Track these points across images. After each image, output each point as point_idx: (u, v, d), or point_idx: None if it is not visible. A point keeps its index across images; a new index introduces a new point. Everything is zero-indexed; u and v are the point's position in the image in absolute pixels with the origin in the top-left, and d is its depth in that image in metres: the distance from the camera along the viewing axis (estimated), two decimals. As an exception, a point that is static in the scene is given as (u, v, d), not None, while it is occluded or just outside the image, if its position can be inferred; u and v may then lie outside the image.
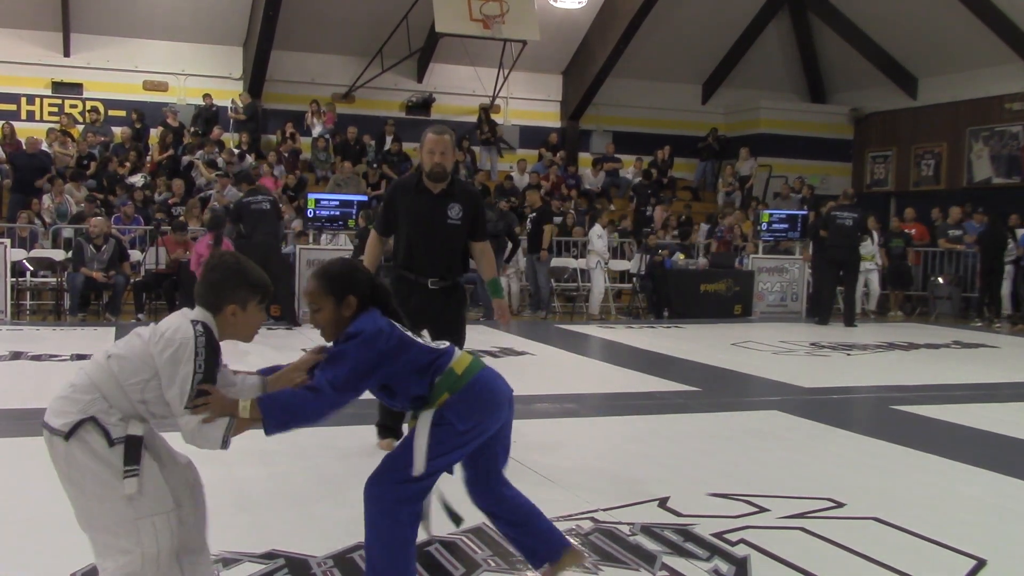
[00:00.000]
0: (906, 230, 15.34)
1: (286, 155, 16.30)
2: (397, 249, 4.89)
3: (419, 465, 2.65)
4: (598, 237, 13.57)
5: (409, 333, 2.75)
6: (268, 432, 2.50)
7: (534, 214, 13.44)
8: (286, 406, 2.52)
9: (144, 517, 2.40)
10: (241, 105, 16.58)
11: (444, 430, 2.69)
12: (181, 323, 2.45)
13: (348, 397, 2.60)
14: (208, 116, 16.55)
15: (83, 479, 2.38)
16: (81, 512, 2.43)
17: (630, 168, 18.92)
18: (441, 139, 4.71)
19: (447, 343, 2.87)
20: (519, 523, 2.92)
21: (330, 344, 2.74)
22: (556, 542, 2.92)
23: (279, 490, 4.16)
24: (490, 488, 2.91)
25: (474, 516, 3.76)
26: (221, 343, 2.50)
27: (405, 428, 2.89)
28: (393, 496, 2.67)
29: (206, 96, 16.71)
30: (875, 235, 14.20)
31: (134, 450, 2.40)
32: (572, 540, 3.50)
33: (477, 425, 2.74)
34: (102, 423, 2.38)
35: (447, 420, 2.70)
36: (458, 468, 2.87)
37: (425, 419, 2.71)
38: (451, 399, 2.70)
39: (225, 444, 2.44)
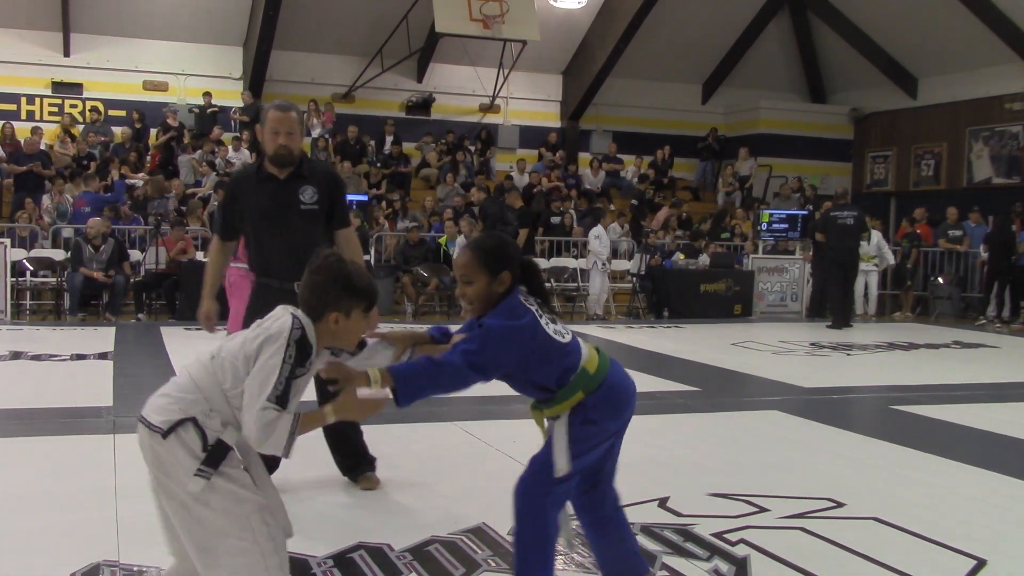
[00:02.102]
0: (916, 231, 15.36)
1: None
2: (249, 254, 4.20)
3: (561, 464, 2.64)
4: (595, 238, 13.57)
5: (547, 324, 2.69)
6: (400, 403, 2.47)
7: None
8: (420, 373, 2.50)
9: (254, 512, 2.34)
10: (243, 105, 16.58)
11: (584, 428, 2.68)
12: (282, 315, 2.40)
13: (478, 379, 2.57)
14: (208, 116, 16.55)
15: (182, 478, 2.30)
16: (180, 515, 2.34)
17: (630, 168, 18.93)
18: (286, 116, 4.02)
19: (570, 334, 2.77)
20: (611, 536, 2.89)
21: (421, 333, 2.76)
22: (637, 568, 2.90)
23: (279, 490, 4.15)
24: (599, 488, 2.86)
25: (474, 516, 3.77)
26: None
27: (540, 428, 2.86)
28: (542, 494, 2.67)
29: (206, 95, 16.71)
30: (876, 235, 14.11)
31: (217, 454, 2.32)
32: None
33: (613, 422, 2.76)
34: (201, 425, 2.33)
35: (588, 418, 2.69)
36: None
37: (563, 420, 2.69)
38: (588, 399, 2.69)
39: (288, 447, 2.34)
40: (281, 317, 2.39)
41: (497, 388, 2.90)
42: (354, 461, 4.20)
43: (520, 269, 2.71)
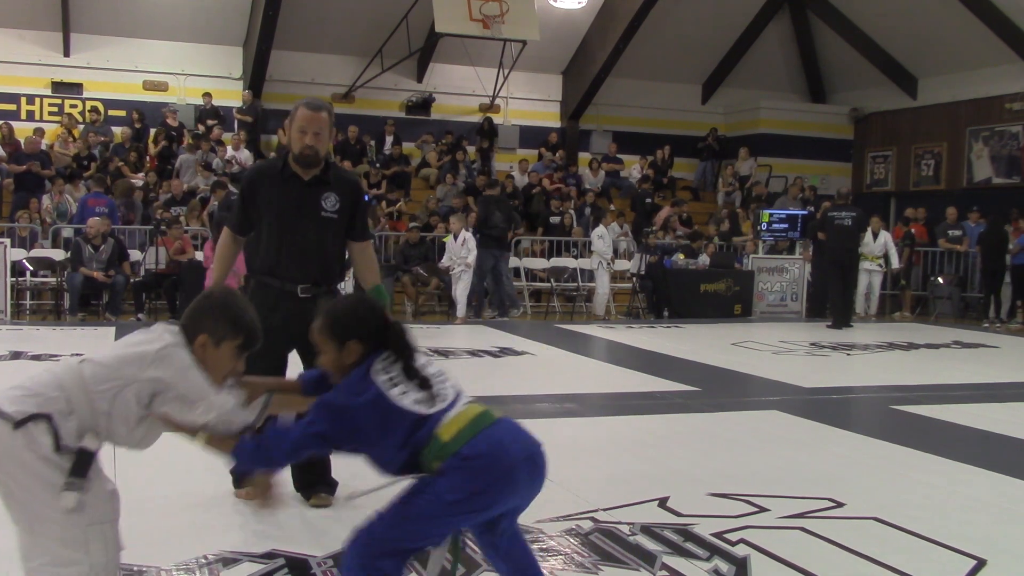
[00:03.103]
0: (911, 230, 15.36)
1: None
2: (256, 250, 4.00)
3: (399, 534, 2.36)
4: (599, 238, 13.57)
5: (403, 394, 2.40)
6: (236, 469, 2.45)
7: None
8: (259, 446, 2.42)
9: (95, 524, 2.28)
10: (244, 105, 16.59)
11: (426, 499, 2.35)
12: (155, 336, 2.36)
13: (317, 447, 2.46)
14: (207, 116, 16.54)
15: (25, 476, 2.23)
16: (19, 509, 2.28)
17: (632, 168, 18.93)
18: (317, 116, 3.83)
19: (445, 400, 2.44)
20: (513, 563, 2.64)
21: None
22: None
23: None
24: (497, 549, 2.59)
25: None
26: None
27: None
28: (374, 553, 2.38)
29: (205, 95, 16.70)
30: (885, 235, 14.04)
31: (83, 463, 2.25)
32: (572, 540, 3.51)
33: (473, 498, 2.35)
34: (55, 424, 2.24)
35: (432, 488, 2.36)
36: None
37: (410, 483, 2.43)
38: (443, 466, 2.35)
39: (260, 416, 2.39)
40: (156, 339, 2.35)
41: (500, 389, 2.89)
42: (313, 479, 3.95)
43: (378, 334, 2.47)
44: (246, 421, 2.40)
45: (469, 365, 8.19)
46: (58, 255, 12.26)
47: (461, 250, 11.93)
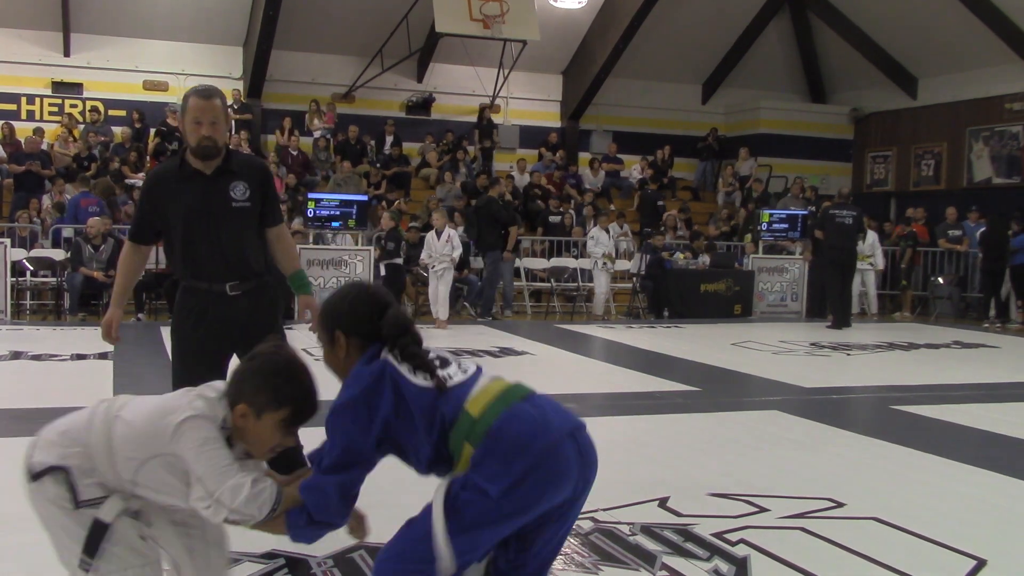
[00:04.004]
0: (913, 230, 15.35)
1: (294, 153, 16.27)
2: (173, 257, 3.72)
3: (446, 559, 1.99)
4: (591, 239, 13.57)
5: (411, 372, 2.12)
6: (294, 538, 2.19)
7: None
8: (301, 509, 2.16)
9: (129, 569, 2.18)
10: (235, 105, 16.58)
11: (470, 500, 1.99)
12: (183, 405, 2.17)
13: (356, 475, 2.15)
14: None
15: (53, 526, 2.18)
16: (59, 551, 2.24)
17: (632, 168, 18.92)
18: (210, 104, 3.54)
19: (470, 370, 2.17)
20: None
21: None
22: None
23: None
24: (524, 556, 2.14)
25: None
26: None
27: None
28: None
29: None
30: (872, 235, 14.10)
31: (95, 539, 2.13)
32: (572, 540, 3.50)
33: (517, 489, 1.98)
34: (72, 479, 2.13)
35: (471, 484, 2.00)
36: None
37: (441, 488, 2.06)
38: (476, 453, 2.01)
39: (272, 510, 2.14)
40: (182, 407, 2.17)
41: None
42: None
43: (370, 324, 2.19)
44: (259, 515, 2.15)
45: (469, 365, 8.18)
46: (58, 255, 12.25)
47: (445, 247, 11.34)
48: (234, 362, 3.64)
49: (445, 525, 2.01)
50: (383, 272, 10.13)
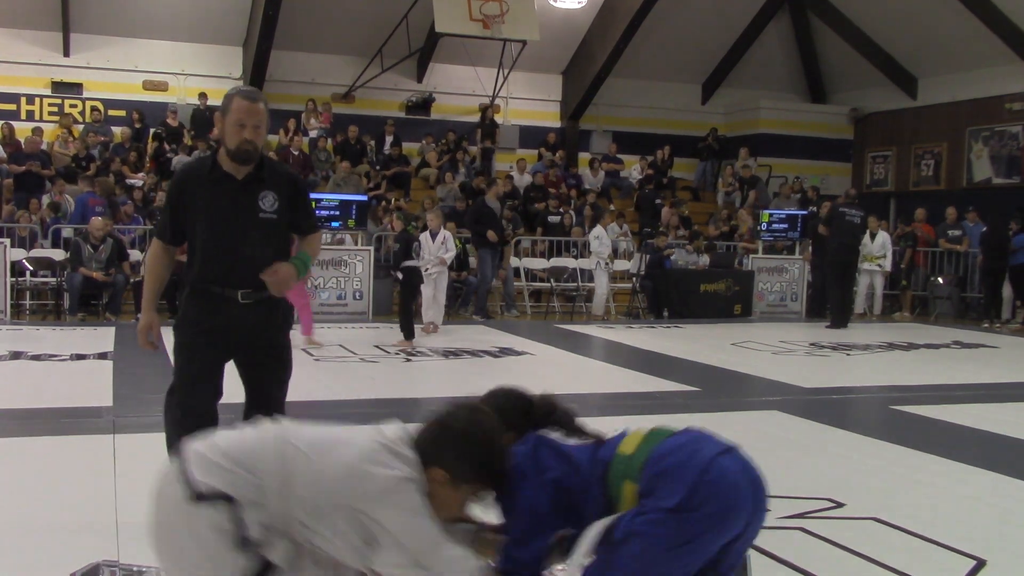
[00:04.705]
0: (917, 229, 15.35)
1: (295, 153, 16.26)
2: (193, 257, 3.62)
3: None
4: (595, 238, 13.56)
5: (562, 441, 2.17)
6: None
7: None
8: None
9: None
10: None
11: (640, 527, 2.02)
12: (391, 458, 1.99)
13: (538, 548, 2.13)
14: (204, 116, 16.53)
15: (198, 555, 1.98)
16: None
17: (632, 168, 18.92)
18: (255, 107, 3.47)
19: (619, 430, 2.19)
20: None
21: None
22: None
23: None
24: None
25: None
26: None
27: None
28: None
29: (201, 96, 16.68)
30: (884, 235, 14.01)
31: None
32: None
33: (693, 497, 2.04)
34: (239, 513, 1.95)
35: (647, 508, 2.02)
36: None
37: (603, 528, 2.07)
38: (641, 486, 2.05)
39: None
40: (393, 461, 1.99)
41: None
42: None
43: (495, 461, 2.14)
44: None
45: (469, 365, 8.20)
46: (58, 255, 12.24)
47: (440, 249, 10.82)
48: (231, 367, 3.64)
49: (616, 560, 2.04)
50: (400, 276, 10.07)
